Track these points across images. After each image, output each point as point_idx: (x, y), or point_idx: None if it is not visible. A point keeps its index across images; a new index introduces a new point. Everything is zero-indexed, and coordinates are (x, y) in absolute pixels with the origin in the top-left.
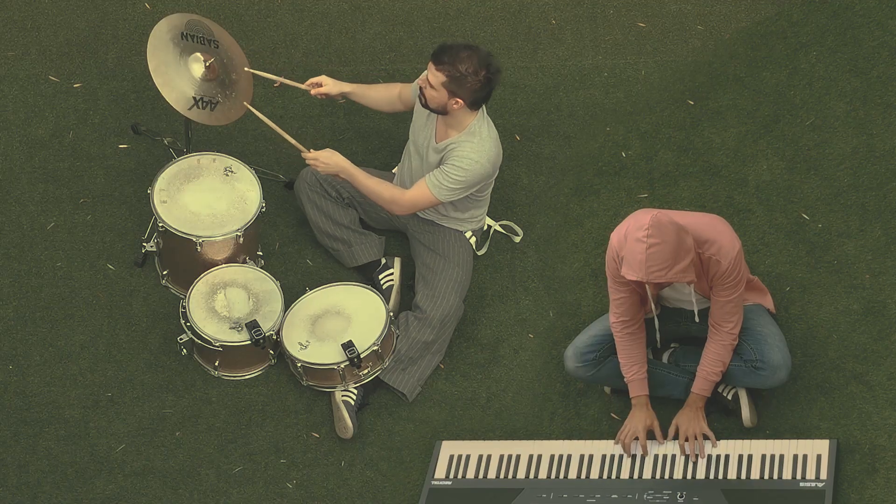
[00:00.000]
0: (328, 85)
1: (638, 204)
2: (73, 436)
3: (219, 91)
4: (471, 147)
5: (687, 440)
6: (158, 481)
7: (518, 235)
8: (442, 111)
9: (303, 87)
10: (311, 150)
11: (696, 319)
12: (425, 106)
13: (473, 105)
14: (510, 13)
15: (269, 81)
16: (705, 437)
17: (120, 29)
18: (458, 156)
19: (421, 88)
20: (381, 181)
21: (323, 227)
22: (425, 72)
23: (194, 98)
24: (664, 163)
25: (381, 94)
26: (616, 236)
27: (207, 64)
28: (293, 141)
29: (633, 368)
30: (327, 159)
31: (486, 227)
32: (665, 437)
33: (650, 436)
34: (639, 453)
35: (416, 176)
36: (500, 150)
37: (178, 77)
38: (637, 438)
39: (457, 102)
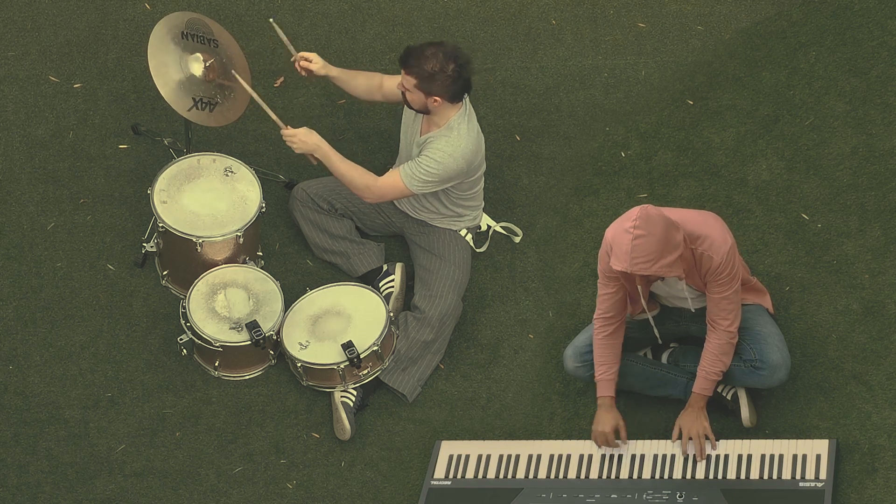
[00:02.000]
0: (316, 65)
1: (637, 204)
2: (73, 436)
3: (218, 92)
4: (447, 141)
5: (690, 440)
6: (158, 482)
7: (518, 236)
8: (425, 110)
9: (294, 55)
10: (289, 127)
11: (693, 310)
12: (410, 108)
13: (453, 99)
14: (510, 14)
15: (270, 81)
16: (707, 437)
17: (120, 29)
18: (434, 148)
19: (402, 92)
20: (355, 166)
21: (320, 242)
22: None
23: (193, 99)
24: (663, 163)
25: (363, 83)
26: (611, 231)
27: (207, 64)
28: (274, 116)
29: (602, 367)
30: (305, 137)
31: (485, 227)
32: (628, 439)
33: (617, 436)
34: (616, 453)
35: None
36: (479, 149)
37: (177, 77)
38: (608, 441)
39: (435, 100)
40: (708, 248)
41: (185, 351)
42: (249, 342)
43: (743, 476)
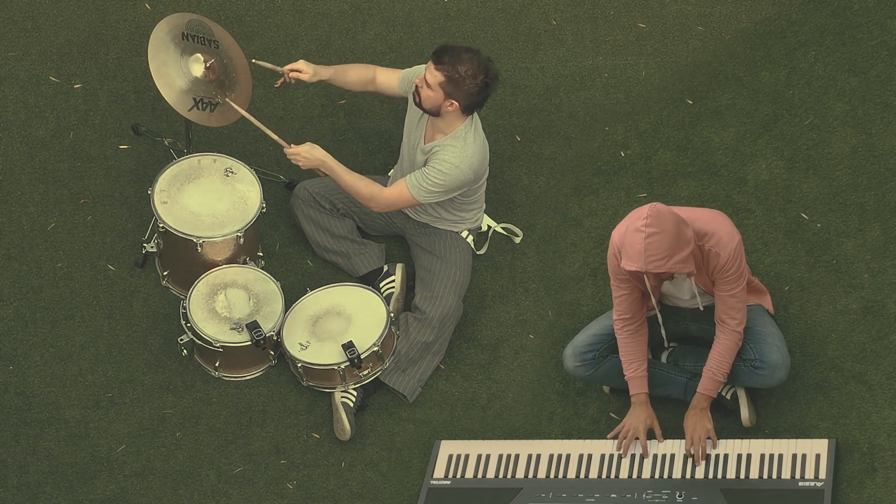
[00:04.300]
0: (307, 73)
1: (637, 203)
2: (73, 436)
3: (218, 92)
4: (453, 152)
5: (693, 442)
6: (159, 482)
7: (518, 237)
8: (435, 112)
9: (280, 70)
10: (292, 145)
11: (701, 308)
12: (419, 105)
13: (467, 109)
14: (511, 14)
15: (270, 82)
16: (709, 438)
17: (120, 29)
18: (440, 159)
19: (417, 87)
20: (361, 177)
21: (321, 241)
22: (418, 66)
23: (194, 99)
24: (663, 162)
25: (356, 77)
26: (617, 233)
27: (208, 65)
28: (275, 136)
29: (633, 366)
30: (308, 153)
31: (485, 228)
32: (664, 438)
33: (650, 435)
34: (638, 453)
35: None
36: (485, 157)
37: (178, 78)
38: (637, 438)
39: (451, 104)
40: (715, 244)
41: (185, 351)
42: (250, 343)
43: (743, 476)
